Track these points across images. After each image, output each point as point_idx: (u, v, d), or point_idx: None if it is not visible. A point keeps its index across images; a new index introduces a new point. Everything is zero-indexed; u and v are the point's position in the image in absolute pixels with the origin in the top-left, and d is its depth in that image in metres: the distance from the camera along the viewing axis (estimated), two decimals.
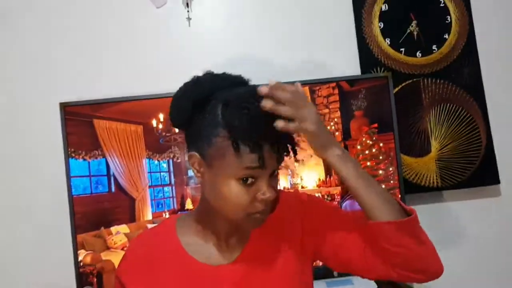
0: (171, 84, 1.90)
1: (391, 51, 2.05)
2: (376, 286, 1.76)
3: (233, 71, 0.99)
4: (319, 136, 0.91)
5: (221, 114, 0.88)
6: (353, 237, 1.00)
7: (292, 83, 0.92)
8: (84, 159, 1.82)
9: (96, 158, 1.82)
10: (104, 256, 1.80)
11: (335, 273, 1.92)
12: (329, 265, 1.06)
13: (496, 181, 2.05)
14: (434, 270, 0.95)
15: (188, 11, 2.01)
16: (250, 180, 0.89)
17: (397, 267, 0.94)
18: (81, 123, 1.82)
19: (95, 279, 1.79)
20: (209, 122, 0.90)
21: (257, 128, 0.85)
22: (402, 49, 2.05)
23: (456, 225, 2.08)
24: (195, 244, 1.00)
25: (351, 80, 1.90)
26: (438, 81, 2.05)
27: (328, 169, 1.86)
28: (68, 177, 1.80)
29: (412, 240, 0.92)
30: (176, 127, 1.01)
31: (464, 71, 2.06)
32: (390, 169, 1.89)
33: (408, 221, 0.92)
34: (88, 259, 1.79)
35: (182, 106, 0.93)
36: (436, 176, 2.03)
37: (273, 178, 0.93)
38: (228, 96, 0.89)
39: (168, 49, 2.01)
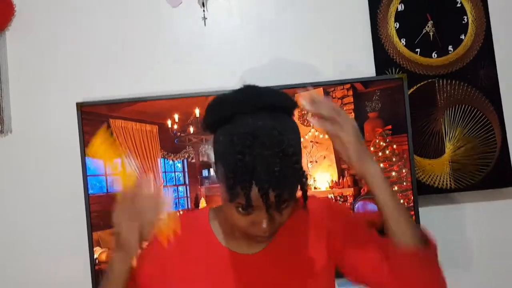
0: (186, 84, 1.96)
1: (406, 51, 2.04)
2: None
3: (248, 71, 1.00)
4: (356, 146, 0.94)
5: (223, 148, 0.91)
6: (372, 253, 1.02)
7: (308, 84, 0.96)
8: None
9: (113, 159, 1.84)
10: None
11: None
12: (345, 275, 1.08)
13: (511, 183, 2.04)
14: None
15: (204, 11, 2.01)
16: (248, 209, 0.90)
17: None
18: (97, 122, 1.85)
19: None
20: (218, 147, 0.94)
21: (245, 176, 0.85)
22: (418, 50, 2.04)
23: (469, 227, 2.07)
24: (224, 233, 1.05)
25: (365, 82, 1.90)
26: (453, 82, 2.04)
27: (341, 171, 1.87)
28: (85, 175, 1.83)
29: (428, 270, 0.96)
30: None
31: (480, 72, 2.04)
32: (403, 170, 1.89)
33: (427, 251, 0.95)
34: (103, 257, 1.82)
35: (206, 120, 0.97)
36: (450, 177, 2.02)
37: (276, 210, 0.91)
38: (235, 132, 0.89)
39: (183, 49, 2.02)
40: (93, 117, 1.85)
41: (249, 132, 0.88)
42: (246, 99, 0.92)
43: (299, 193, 0.93)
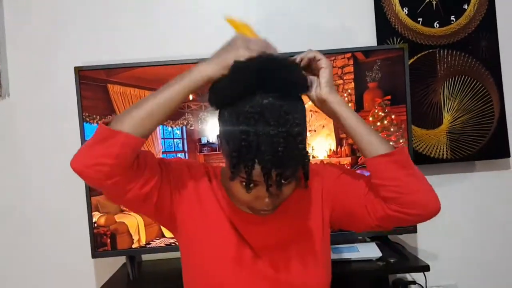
0: (186, 50, 1.94)
1: (408, 21, 2.02)
2: (380, 253, 1.81)
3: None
4: (330, 75, 1.03)
5: (228, 124, 0.91)
6: (356, 187, 1.07)
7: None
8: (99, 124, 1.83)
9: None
10: (118, 218, 1.85)
11: (342, 239, 1.98)
12: (345, 226, 1.15)
13: (507, 154, 2.06)
14: (429, 204, 1.00)
15: None
16: (251, 185, 0.92)
17: (392, 202, 1.00)
18: (95, 87, 1.83)
19: (109, 240, 1.85)
20: (224, 124, 0.94)
21: (249, 154, 0.86)
22: (420, 19, 2.02)
23: (464, 196, 2.11)
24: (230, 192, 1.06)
25: (366, 51, 1.88)
26: (454, 52, 2.03)
27: (339, 140, 1.88)
28: (83, 140, 1.83)
29: (404, 171, 0.99)
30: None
31: (482, 43, 2.03)
32: (401, 141, 1.89)
33: (399, 152, 1.00)
34: (102, 221, 1.84)
35: (212, 98, 0.96)
36: (446, 148, 2.04)
37: (280, 187, 0.92)
38: (241, 110, 0.89)
39: (184, 15, 1.99)
40: (91, 81, 1.83)
41: (254, 111, 0.88)
42: (256, 78, 0.90)
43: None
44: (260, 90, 0.90)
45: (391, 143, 1.87)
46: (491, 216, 2.11)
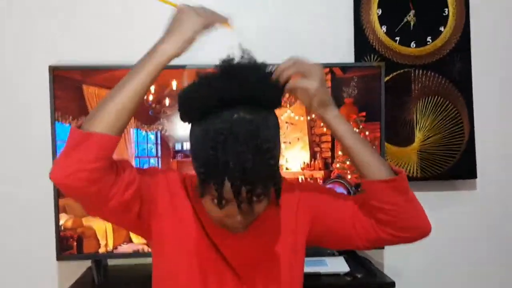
0: None
1: (386, 39, 2.06)
2: (348, 268, 1.83)
3: (228, 46, 0.96)
4: (322, 94, 0.98)
5: (197, 143, 0.90)
6: (342, 207, 1.06)
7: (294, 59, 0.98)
8: (71, 124, 1.80)
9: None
10: (85, 221, 1.81)
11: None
12: (325, 244, 1.13)
13: (474, 175, 2.11)
14: (423, 228, 1.02)
15: None
16: (223, 202, 0.89)
17: (387, 226, 1.00)
18: (70, 87, 1.80)
19: (75, 243, 1.81)
20: (192, 140, 0.93)
21: (217, 172, 0.85)
22: (397, 38, 2.06)
23: (433, 214, 2.13)
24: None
25: (344, 67, 1.91)
26: (429, 73, 2.07)
27: (313, 153, 1.89)
28: (54, 140, 1.79)
29: (403, 197, 0.99)
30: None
31: (456, 65, 2.08)
32: None
33: (400, 179, 0.98)
34: (69, 224, 1.81)
35: (181, 112, 0.95)
36: (417, 166, 2.08)
37: (251, 204, 0.91)
38: (210, 127, 0.87)
39: (162, 17, 1.97)
40: (65, 81, 1.79)
41: (224, 126, 0.86)
42: (224, 91, 0.88)
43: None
44: (231, 103, 0.88)
45: None
46: (457, 234, 2.16)
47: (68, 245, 1.80)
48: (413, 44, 2.07)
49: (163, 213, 1.01)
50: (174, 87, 1.81)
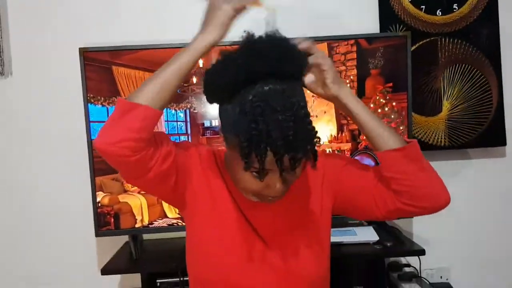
0: (191, 33, 1.93)
1: (411, 8, 2.03)
2: (377, 237, 1.86)
3: (250, 21, 0.98)
4: (334, 72, 1.03)
5: (235, 117, 0.91)
6: (364, 179, 1.09)
7: (311, 39, 0.99)
8: (103, 105, 1.85)
9: (115, 104, 1.85)
10: (121, 198, 1.87)
11: (341, 223, 2.03)
12: (348, 213, 1.15)
13: (503, 143, 2.10)
14: (439, 198, 1.04)
15: None
16: (264, 172, 0.93)
17: (403, 196, 1.02)
18: (100, 69, 1.84)
19: (112, 220, 1.88)
20: (228, 118, 0.94)
21: (260, 143, 0.87)
22: (423, 7, 2.03)
23: (461, 182, 2.15)
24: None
25: (369, 38, 1.90)
26: (455, 41, 2.05)
27: (340, 126, 1.90)
28: (88, 122, 1.85)
29: (416, 165, 1.01)
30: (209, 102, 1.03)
31: (483, 32, 2.04)
32: (401, 127, 1.93)
33: (412, 146, 1.01)
34: (106, 201, 1.87)
35: (207, 94, 0.98)
36: (445, 135, 2.08)
37: (290, 172, 0.94)
38: (245, 101, 0.90)
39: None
40: (96, 63, 1.84)
41: (259, 99, 0.88)
42: (252, 66, 0.90)
43: None
44: (259, 77, 0.91)
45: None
46: (485, 202, 2.16)
47: (105, 222, 1.88)
48: (439, 12, 2.04)
49: (196, 185, 1.06)
50: (201, 65, 1.83)
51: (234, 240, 1.06)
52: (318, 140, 0.93)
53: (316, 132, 0.92)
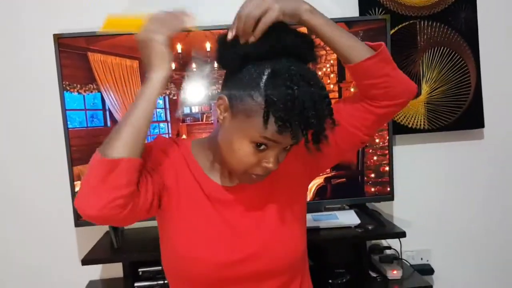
0: None
1: None
2: (358, 220, 1.87)
3: (234, 5, 0.96)
4: (285, 2, 0.95)
5: (265, 80, 0.89)
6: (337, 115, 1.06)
7: (290, 23, 0.95)
8: (79, 93, 1.81)
9: (91, 92, 1.82)
10: None
11: (321, 208, 2.03)
12: (330, 161, 1.15)
13: (481, 125, 2.12)
14: (411, 88, 1.05)
15: None
16: (262, 147, 0.93)
17: (384, 99, 1.03)
18: (75, 55, 1.80)
19: None
20: (252, 80, 0.91)
21: (294, 111, 0.86)
22: None
23: (439, 165, 2.18)
24: (204, 165, 1.06)
25: (349, 22, 1.89)
26: (434, 24, 2.05)
27: None
28: (64, 110, 1.81)
29: (390, 66, 1.02)
30: (219, 64, 1.00)
31: (461, 15, 2.06)
32: None
33: (384, 50, 1.02)
34: None
35: (235, 53, 0.94)
36: (424, 118, 2.09)
37: (284, 151, 0.96)
38: (281, 66, 0.89)
39: None
40: (71, 49, 1.79)
41: (295, 69, 0.88)
42: (283, 41, 0.91)
43: None
44: (285, 53, 0.91)
45: None
46: (465, 184, 2.20)
47: None
48: None
49: (168, 184, 1.03)
50: (179, 50, 1.80)
51: (206, 232, 1.04)
52: (334, 122, 0.93)
53: (333, 114, 0.93)
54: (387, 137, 1.94)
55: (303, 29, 0.98)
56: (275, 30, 0.92)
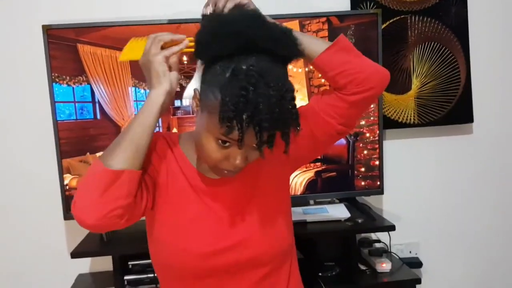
0: (159, 10, 1.89)
1: None
2: (348, 214, 1.88)
3: None
4: None
5: (226, 78, 0.89)
6: (307, 109, 1.08)
7: (283, 16, 0.96)
8: (68, 85, 1.79)
9: (81, 84, 1.80)
10: None
11: (311, 201, 2.04)
12: (309, 154, 1.17)
13: (470, 119, 2.14)
14: (382, 73, 1.06)
15: None
16: (227, 144, 0.93)
17: (352, 85, 1.03)
18: (64, 47, 1.78)
19: None
20: (215, 77, 0.91)
21: (245, 112, 0.85)
22: None
23: (429, 159, 2.19)
24: (192, 158, 1.07)
25: (341, 16, 1.89)
26: (425, 19, 2.06)
27: None
28: (53, 102, 1.79)
29: (352, 54, 1.05)
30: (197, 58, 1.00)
31: (452, 10, 2.06)
32: (371, 106, 1.93)
33: (342, 39, 1.05)
34: (74, 183, 1.83)
35: (203, 49, 0.94)
36: (414, 113, 2.10)
37: (253, 150, 0.94)
38: (243, 65, 0.88)
39: None
40: (60, 41, 1.77)
41: (254, 70, 0.87)
42: (252, 35, 0.90)
43: None
44: (255, 49, 0.90)
45: None
46: (454, 178, 2.21)
47: None
48: None
49: (161, 181, 1.05)
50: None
51: (191, 223, 1.05)
52: (298, 127, 0.92)
53: (298, 118, 0.92)
54: (377, 132, 1.95)
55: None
56: (251, 25, 0.91)
